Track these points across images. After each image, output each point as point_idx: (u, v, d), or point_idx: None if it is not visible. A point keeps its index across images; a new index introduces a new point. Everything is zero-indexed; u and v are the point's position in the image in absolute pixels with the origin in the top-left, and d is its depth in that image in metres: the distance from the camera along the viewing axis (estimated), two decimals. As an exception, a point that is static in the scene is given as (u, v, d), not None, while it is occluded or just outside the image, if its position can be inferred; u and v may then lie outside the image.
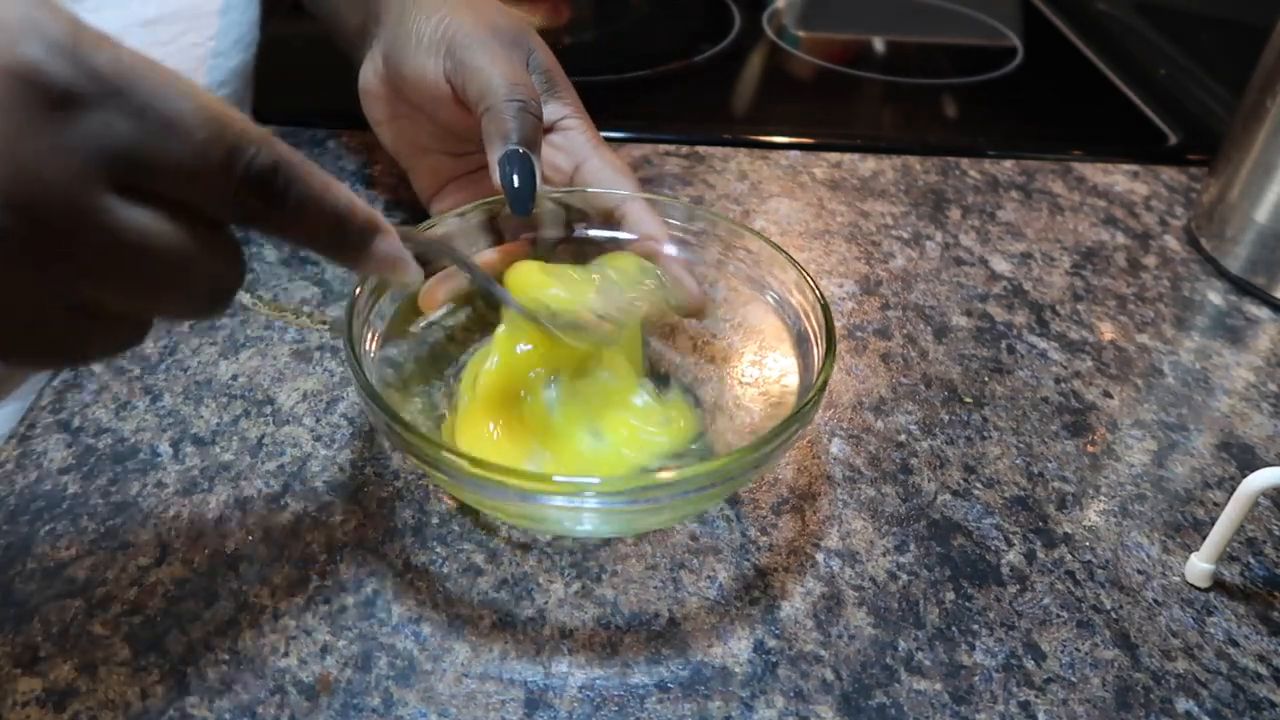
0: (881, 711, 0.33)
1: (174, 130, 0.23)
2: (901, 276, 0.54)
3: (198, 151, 0.23)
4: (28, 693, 0.32)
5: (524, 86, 0.42)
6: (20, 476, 0.39)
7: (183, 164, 0.23)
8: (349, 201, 0.28)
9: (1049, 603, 0.37)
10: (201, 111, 0.23)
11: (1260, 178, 0.55)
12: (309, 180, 0.26)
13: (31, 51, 0.21)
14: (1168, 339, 0.52)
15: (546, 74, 0.46)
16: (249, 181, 0.24)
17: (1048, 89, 0.81)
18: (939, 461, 0.43)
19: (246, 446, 0.41)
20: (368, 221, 0.29)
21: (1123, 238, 0.60)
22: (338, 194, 0.27)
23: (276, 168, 0.25)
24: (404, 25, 0.45)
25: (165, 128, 0.23)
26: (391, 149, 0.51)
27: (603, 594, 0.36)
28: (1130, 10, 0.92)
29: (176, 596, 0.35)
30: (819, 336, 0.38)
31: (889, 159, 0.66)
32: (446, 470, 0.32)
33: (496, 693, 0.33)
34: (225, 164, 0.24)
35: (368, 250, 0.29)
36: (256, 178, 0.24)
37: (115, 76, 0.22)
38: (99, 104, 0.22)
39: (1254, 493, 0.36)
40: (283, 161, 0.25)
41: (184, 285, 0.25)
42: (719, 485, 0.33)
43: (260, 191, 0.25)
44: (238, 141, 0.24)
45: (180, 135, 0.23)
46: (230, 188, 0.24)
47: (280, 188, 0.25)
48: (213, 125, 0.23)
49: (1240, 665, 0.36)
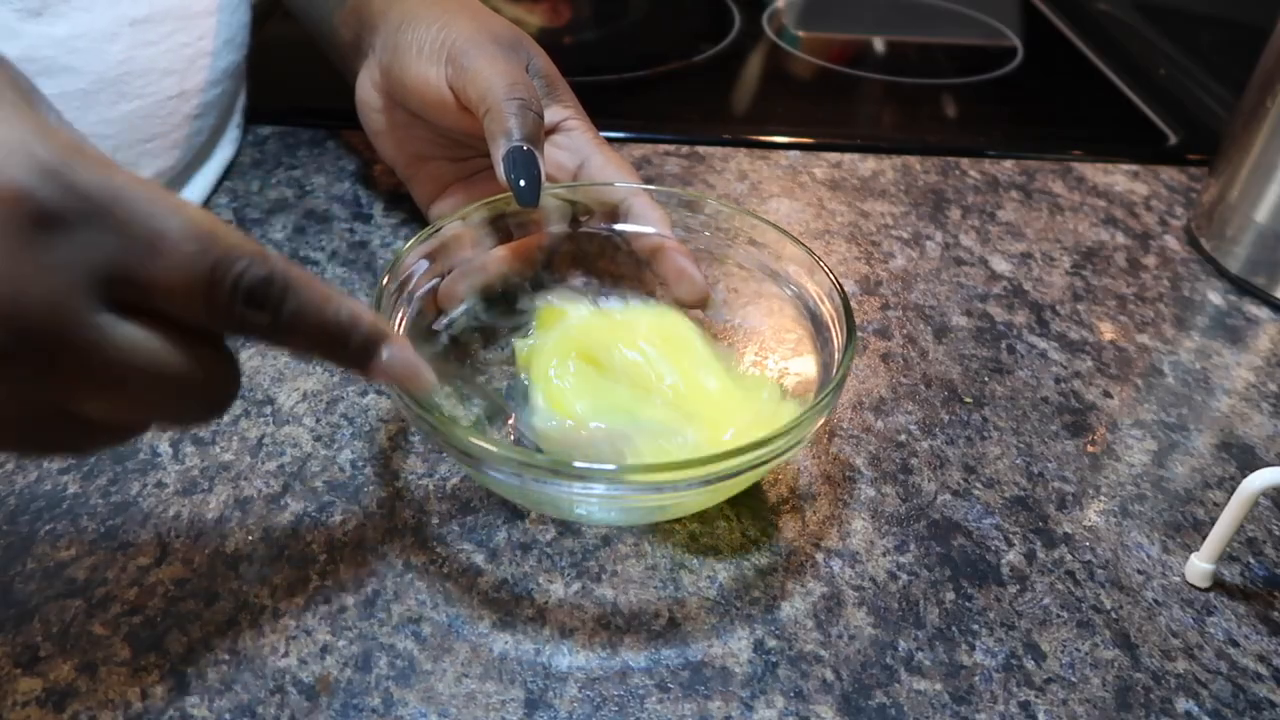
0: (881, 711, 0.33)
1: (161, 245, 0.23)
2: (901, 276, 0.54)
3: (186, 265, 0.24)
4: (28, 693, 0.32)
5: (524, 86, 0.42)
6: (20, 476, 0.39)
7: (171, 278, 0.24)
8: (352, 312, 0.28)
9: (1049, 603, 0.37)
10: (190, 226, 0.24)
11: (1260, 178, 0.55)
12: (306, 292, 0.26)
13: (20, 174, 0.22)
14: (1168, 339, 0.52)
15: (545, 79, 0.46)
16: (240, 294, 0.25)
17: (1048, 89, 0.81)
18: (939, 461, 0.43)
19: (246, 446, 0.41)
20: (372, 331, 0.28)
21: (1123, 238, 0.60)
22: (339, 305, 0.27)
23: (270, 280, 0.25)
24: (403, 35, 0.45)
25: (152, 243, 0.23)
26: (390, 160, 0.51)
27: (603, 594, 0.36)
28: (1130, 10, 0.92)
29: (176, 596, 0.35)
30: (838, 325, 0.38)
31: (889, 159, 0.66)
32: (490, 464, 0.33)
33: (496, 693, 0.33)
34: (215, 277, 0.24)
35: (375, 360, 0.29)
36: (248, 290, 0.25)
37: (102, 196, 0.23)
38: (86, 224, 0.23)
39: (1254, 493, 0.36)
40: (277, 273, 0.25)
41: (177, 397, 0.25)
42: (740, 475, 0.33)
43: (253, 304, 0.25)
44: (227, 254, 0.24)
45: (167, 250, 0.23)
46: (222, 301, 0.24)
47: (275, 300, 0.25)
48: (201, 239, 0.24)
49: (1240, 665, 0.36)
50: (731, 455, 0.32)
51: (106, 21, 0.45)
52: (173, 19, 0.48)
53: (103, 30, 0.45)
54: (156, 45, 0.47)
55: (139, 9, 0.46)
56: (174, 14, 0.48)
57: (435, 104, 0.45)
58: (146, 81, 0.47)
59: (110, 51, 0.45)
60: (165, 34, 0.48)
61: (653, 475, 0.33)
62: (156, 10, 0.47)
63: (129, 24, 0.46)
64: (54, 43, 0.43)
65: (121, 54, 0.46)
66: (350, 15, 0.51)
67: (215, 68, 0.52)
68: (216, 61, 0.52)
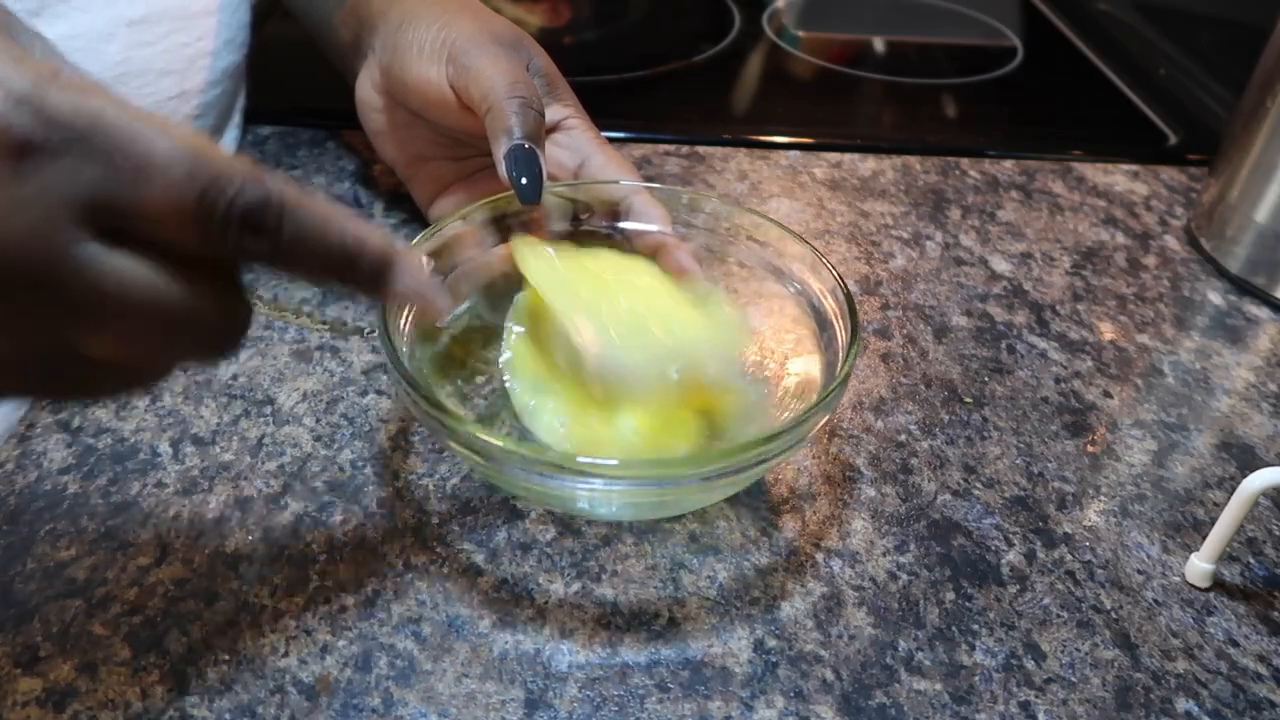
0: (881, 711, 0.33)
1: (146, 170, 0.22)
2: (901, 276, 0.54)
3: (174, 191, 0.23)
4: (28, 693, 0.32)
5: (525, 85, 0.42)
6: (20, 476, 0.39)
7: (158, 204, 0.23)
8: (358, 232, 0.26)
9: (1049, 603, 0.37)
10: (177, 149, 0.23)
11: (1260, 178, 0.55)
12: (307, 213, 0.25)
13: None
14: (1168, 339, 0.52)
15: (546, 78, 0.46)
16: (235, 219, 0.23)
17: (1048, 89, 0.81)
18: (939, 461, 0.43)
19: (246, 446, 0.41)
20: (383, 251, 0.27)
21: (1123, 238, 0.60)
22: (344, 225, 0.26)
23: (267, 201, 0.24)
24: (404, 35, 0.45)
25: (136, 168, 0.22)
26: (390, 160, 0.51)
27: (603, 594, 0.36)
28: (1130, 10, 0.92)
29: (176, 596, 0.35)
30: (842, 323, 0.38)
31: (889, 159, 0.66)
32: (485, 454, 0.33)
33: (496, 693, 0.33)
34: (206, 202, 0.23)
35: (388, 282, 0.27)
36: (243, 215, 0.23)
37: (79, 121, 0.22)
38: (64, 151, 0.22)
39: (1254, 493, 0.36)
40: (274, 195, 0.24)
41: (181, 331, 0.24)
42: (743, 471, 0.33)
43: (250, 228, 0.24)
44: (218, 177, 0.23)
45: (153, 175, 0.22)
46: (215, 227, 0.23)
47: (272, 223, 0.24)
48: (190, 162, 0.23)
49: (1240, 665, 0.36)
50: (734, 453, 0.32)
51: (103, 22, 0.45)
52: (170, 19, 0.48)
53: (99, 31, 0.45)
54: (154, 46, 0.47)
55: (136, 9, 0.46)
56: (171, 14, 0.48)
57: (436, 103, 0.45)
58: (144, 82, 0.47)
59: (107, 52, 0.45)
60: (163, 34, 0.48)
61: (655, 470, 0.33)
62: (154, 11, 0.47)
63: (126, 25, 0.46)
64: None
65: (119, 54, 0.45)
66: (349, 15, 0.51)
67: (215, 68, 0.51)
68: (216, 62, 0.51)
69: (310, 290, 0.49)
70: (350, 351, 0.46)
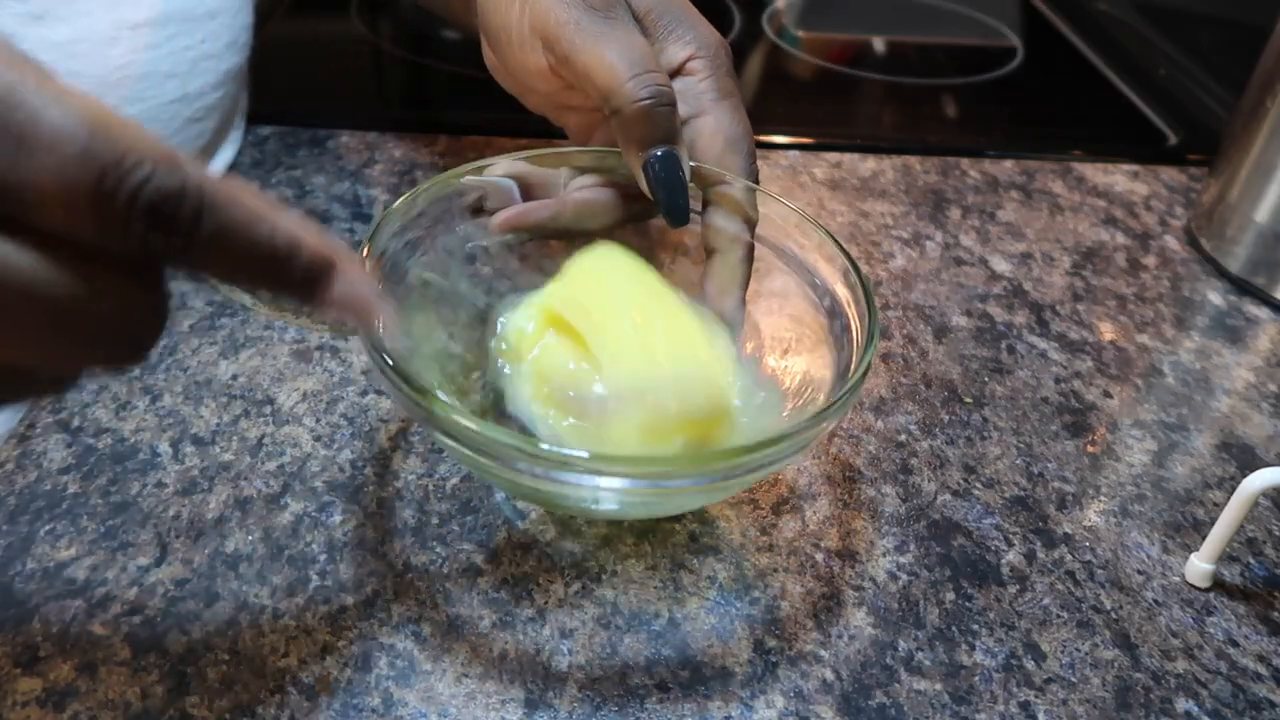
0: (881, 711, 0.33)
1: (30, 142, 0.19)
2: (901, 276, 0.54)
3: (65, 169, 0.19)
4: (28, 693, 0.32)
5: (645, 73, 0.36)
6: (20, 476, 0.39)
7: (45, 184, 0.19)
8: (289, 236, 0.22)
9: (1049, 603, 0.37)
10: (70, 120, 0.19)
11: (1260, 178, 0.55)
12: (230, 211, 0.21)
13: None
14: (1168, 339, 0.52)
15: (649, 15, 0.40)
16: (140, 210, 0.20)
17: (1048, 89, 0.81)
18: (939, 461, 0.43)
19: (246, 446, 0.41)
20: (318, 258, 0.23)
21: (1123, 238, 0.60)
22: (275, 227, 0.22)
23: (182, 194, 0.20)
24: (490, 19, 0.41)
25: (19, 139, 0.19)
26: (535, 111, 0.46)
27: (603, 594, 0.36)
28: (1130, 10, 0.92)
29: (176, 596, 0.35)
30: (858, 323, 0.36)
31: (889, 159, 0.66)
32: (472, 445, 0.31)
33: (496, 693, 0.33)
34: (105, 186, 0.19)
35: (324, 291, 0.24)
36: (151, 202, 0.20)
37: None
38: None
39: (1254, 493, 0.36)
40: (191, 186, 0.20)
41: (77, 328, 0.21)
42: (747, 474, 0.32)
43: (160, 220, 0.20)
44: (124, 158, 0.19)
45: (40, 149, 0.19)
46: (115, 217, 0.20)
47: (186, 219, 0.20)
48: (89, 138, 0.19)
49: (1240, 665, 0.36)
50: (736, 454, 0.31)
51: (106, 25, 0.45)
52: (174, 22, 0.48)
53: (103, 34, 0.44)
54: (158, 49, 0.47)
55: (139, 13, 0.46)
56: (175, 17, 0.48)
57: (551, 92, 0.41)
58: (148, 85, 0.47)
59: (111, 55, 0.45)
60: (166, 37, 0.47)
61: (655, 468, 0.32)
62: (157, 14, 0.47)
63: (129, 28, 0.46)
64: (54, 47, 0.43)
65: (122, 58, 0.45)
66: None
67: (218, 70, 0.51)
68: (219, 64, 0.51)
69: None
70: (350, 351, 0.46)
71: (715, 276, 0.40)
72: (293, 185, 0.58)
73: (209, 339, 0.46)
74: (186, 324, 0.47)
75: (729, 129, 0.39)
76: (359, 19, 0.80)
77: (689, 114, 0.39)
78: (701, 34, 0.40)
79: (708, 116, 0.39)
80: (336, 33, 0.79)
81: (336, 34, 0.78)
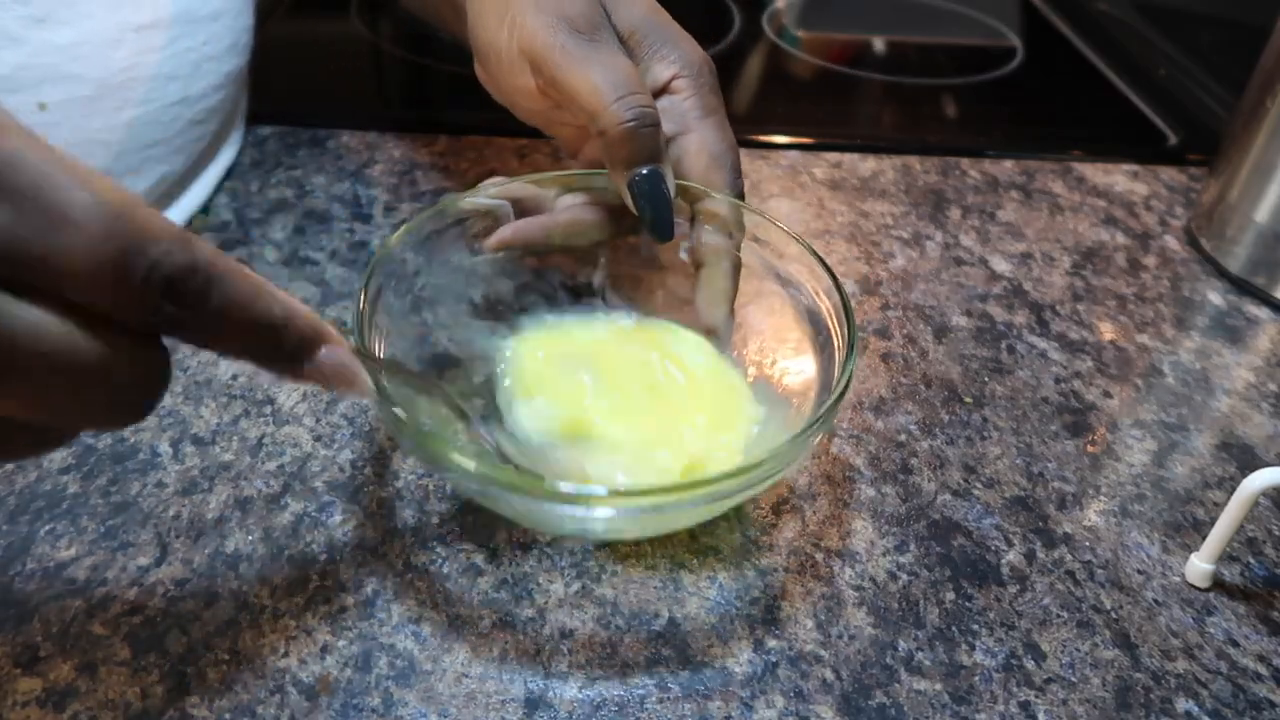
0: (881, 711, 0.33)
1: (60, 223, 0.21)
2: (901, 276, 0.54)
3: (91, 248, 0.21)
4: (28, 693, 0.32)
5: (629, 95, 0.37)
6: (20, 476, 0.39)
7: (74, 262, 0.21)
8: (286, 309, 0.25)
9: (1049, 603, 0.37)
10: (98, 203, 0.21)
11: (1260, 178, 0.55)
12: (236, 285, 0.23)
13: None
14: (1168, 339, 0.52)
15: (634, 36, 0.41)
16: (156, 285, 0.22)
17: (1048, 89, 0.81)
18: (939, 461, 0.43)
19: (246, 446, 0.41)
20: (309, 330, 0.26)
21: (1123, 238, 0.60)
22: (272, 300, 0.25)
23: (194, 270, 0.22)
24: (479, 36, 0.42)
25: (50, 220, 0.21)
26: (527, 123, 0.47)
27: (603, 594, 0.36)
28: (1130, 10, 0.92)
29: (176, 596, 0.35)
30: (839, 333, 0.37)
31: (889, 159, 0.66)
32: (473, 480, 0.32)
33: (496, 693, 0.33)
34: (126, 264, 0.21)
35: (310, 362, 0.26)
36: (166, 281, 0.22)
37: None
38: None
39: (1254, 493, 0.36)
40: (201, 263, 0.22)
41: (94, 391, 0.23)
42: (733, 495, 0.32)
43: (172, 296, 0.22)
44: (141, 238, 0.21)
45: (69, 229, 0.21)
46: (134, 291, 0.22)
47: (197, 293, 0.23)
48: (111, 219, 0.21)
49: (1240, 665, 0.36)
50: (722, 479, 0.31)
51: (109, 27, 0.45)
52: (177, 25, 0.48)
53: (106, 36, 0.44)
54: (160, 51, 0.47)
55: (142, 15, 0.46)
56: (178, 19, 0.48)
57: (541, 110, 0.42)
58: (150, 87, 0.47)
59: (114, 58, 0.45)
60: (169, 40, 0.47)
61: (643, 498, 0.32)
62: (160, 16, 0.47)
63: (133, 30, 0.46)
64: (57, 49, 0.43)
65: (125, 60, 0.45)
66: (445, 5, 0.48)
67: (219, 72, 0.51)
68: (220, 66, 0.51)
69: (310, 290, 0.49)
70: (350, 351, 0.46)
71: (704, 290, 0.41)
72: (292, 185, 0.58)
73: (209, 339, 0.46)
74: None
75: (713, 145, 0.40)
76: (359, 19, 0.80)
77: (674, 131, 0.40)
78: (685, 52, 0.41)
79: (692, 134, 0.40)
80: (336, 33, 0.79)
81: (336, 34, 0.79)
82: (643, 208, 0.38)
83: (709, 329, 0.42)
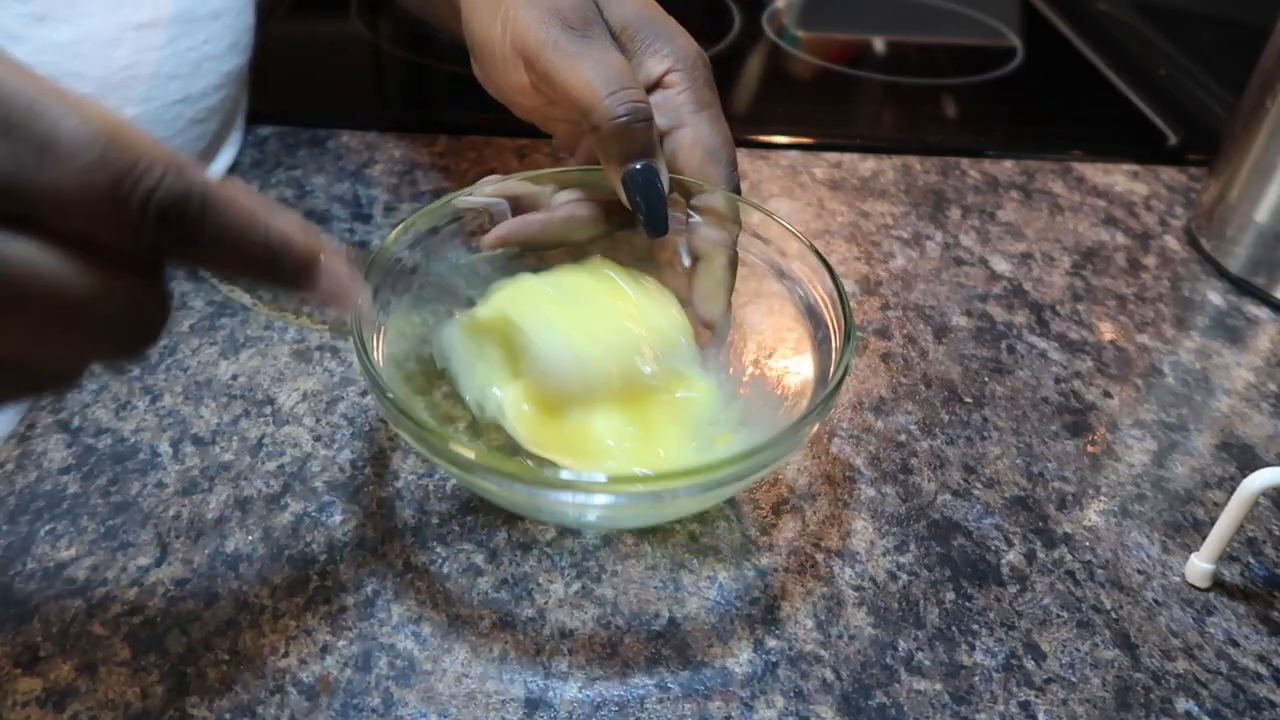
0: (881, 711, 0.33)
1: (52, 151, 0.20)
2: (901, 276, 0.54)
3: (83, 176, 0.21)
4: (28, 693, 0.32)
5: (621, 90, 0.37)
6: (20, 476, 0.39)
7: (66, 191, 0.21)
8: (283, 230, 0.25)
9: (1049, 603, 0.37)
10: (88, 129, 0.21)
11: (1260, 178, 0.55)
12: (231, 210, 0.23)
13: None
14: (1168, 339, 0.52)
15: (627, 31, 0.41)
16: (152, 212, 0.22)
17: (1048, 89, 0.81)
18: (939, 461, 0.43)
19: (246, 446, 0.41)
20: (308, 249, 0.26)
21: (1123, 238, 0.60)
22: (268, 223, 0.24)
23: (188, 196, 0.22)
24: (473, 33, 0.42)
25: (41, 148, 0.20)
26: (524, 119, 0.47)
27: (603, 594, 0.36)
28: (1130, 10, 0.92)
29: (176, 596, 0.35)
30: (836, 326, 0.37)
31: (889, 159, 0.66)
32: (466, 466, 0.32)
33: (496, 693, 0.33)
34: (121, 190, 0.21)
35: (312, 280, 0.26)
36: (161, 205, 0.22)
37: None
38: None
39: (1254, 493, 0.36)
40: (195, 189, 0.22)
41: (93, 324, 0.22)
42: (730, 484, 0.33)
43: (168, 221, 0.22)
44: (137, 165, 0.21)
45: (61, 157, 0.20)
46: (129, 219, 0.21)
47: (193, 219, 0.22)
48: (105, 147, 0.21)
49: (1240, 665, 0.36)
50: (722, 465, 0.31)
51: (110, 26, 0.45)
52: (177, 23, 0.48)
53: (106, 35, 0.44)
54: (160, 50, 0.47)
55: (142, 14, 0.46)
56: (178, 18, 0.48)
57: (537, 106, 0.42)
58: (151, 86, 0.47)
59: (114, 56, 0.45)
60: (169, 39, 0.47)
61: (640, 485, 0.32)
62: (161, 15, 0.47)
63: (133, 29, 0.45)
64: (57, 48, 0.43)
65: (125, 59, 0.45)
66: None
67: (220, 72, 0.51)
68: (221, 65, 0.51)
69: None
70: (350, 351, 0.46)
71: (700, 284, 0.41)
72: (293, 185, 0.58)
73: (209, 339, 0.46)
74: (186, 324, 0.47)
75: (708, 140, 0.40)
76: (359, 19, 0.80)
77: (669, 126, 0.40)
78: (679, 46, 0.41)
79: (687, 128, 0.40)
80: (336, 33, 0.79)
81: (336, 34, 0.79)
82: (637, 203, 0.38)
83: (706, 323, 0.41)
